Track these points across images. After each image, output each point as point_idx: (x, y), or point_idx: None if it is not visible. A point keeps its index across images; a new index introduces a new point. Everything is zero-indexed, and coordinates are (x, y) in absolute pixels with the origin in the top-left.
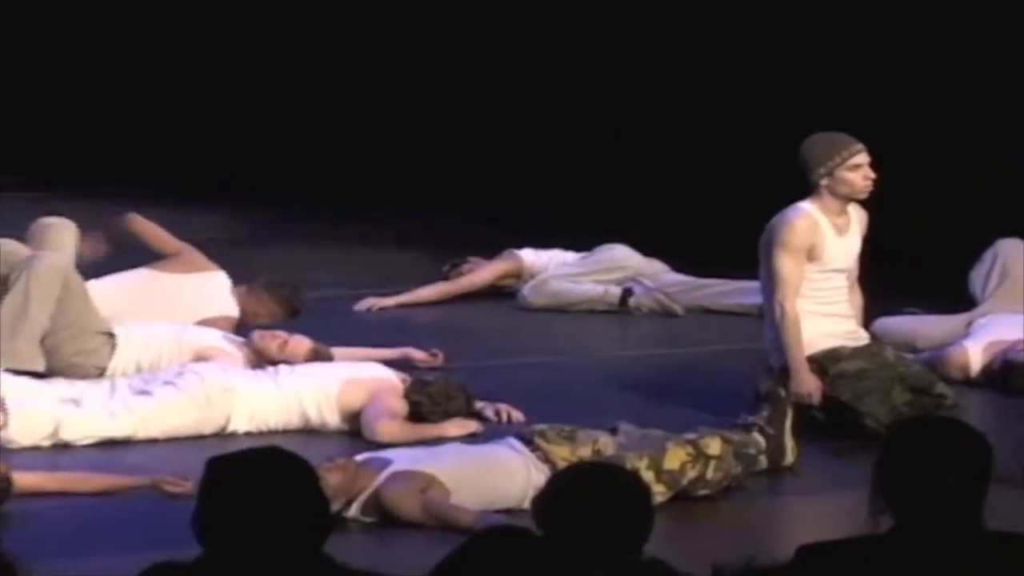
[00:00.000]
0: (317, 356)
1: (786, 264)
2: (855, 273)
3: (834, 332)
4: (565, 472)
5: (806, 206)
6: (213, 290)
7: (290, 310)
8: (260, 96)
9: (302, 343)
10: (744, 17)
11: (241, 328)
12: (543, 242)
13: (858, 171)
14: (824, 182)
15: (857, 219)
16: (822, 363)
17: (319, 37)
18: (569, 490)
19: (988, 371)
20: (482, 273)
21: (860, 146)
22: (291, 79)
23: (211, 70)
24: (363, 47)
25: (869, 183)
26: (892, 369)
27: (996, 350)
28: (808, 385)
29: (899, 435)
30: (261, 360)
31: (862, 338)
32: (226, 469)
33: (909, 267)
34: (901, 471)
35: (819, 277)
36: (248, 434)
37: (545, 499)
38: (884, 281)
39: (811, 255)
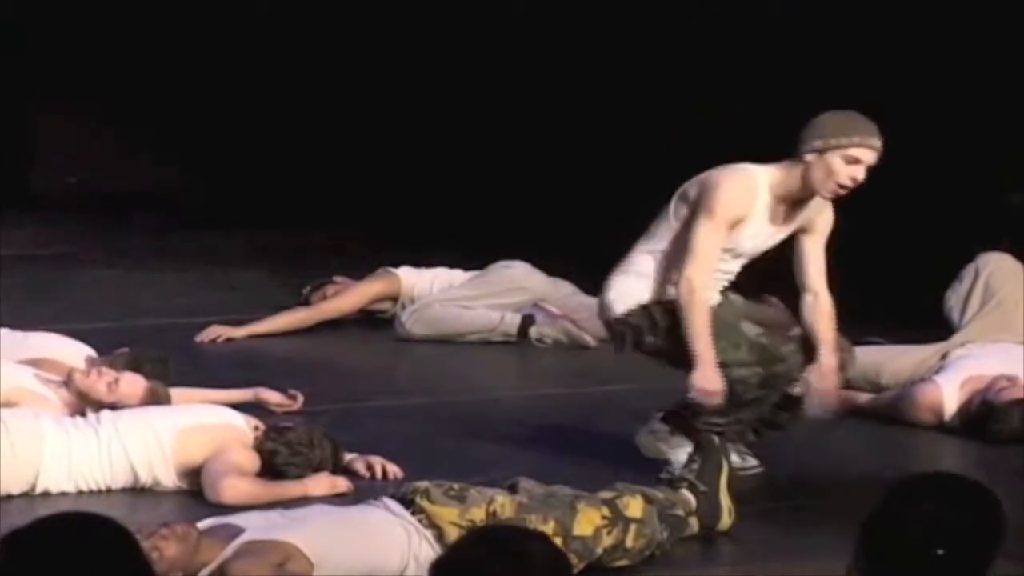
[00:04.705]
0: (155, 398)
1: (705, 233)
2: (820, 278)
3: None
4: (468, 538)
5: (755, 168)
6: (68, 347)
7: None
8: (83, 96)
9: (137, 382)
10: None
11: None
12: (425, 259)
13: (849, 167)
14: (809, 157)
15: (816, 220)
16: (650, 311)
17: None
18: (473, 562)
19: (965, 413)
20: (350, 296)
21: (875, 141)
22: (134, 81)
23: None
24: (215, 55)
25: (846, 185)
26: (735, 307)
27: (975, 388)
28: (710, 382)
29: (895, 493)
30: (85, 404)
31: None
32: (24, 547)
33: (871, 286)
34: (883, 539)
35: None
36: (65, 494)
37: (443, 571)
38: (841, 303)
39: (732, 227)
